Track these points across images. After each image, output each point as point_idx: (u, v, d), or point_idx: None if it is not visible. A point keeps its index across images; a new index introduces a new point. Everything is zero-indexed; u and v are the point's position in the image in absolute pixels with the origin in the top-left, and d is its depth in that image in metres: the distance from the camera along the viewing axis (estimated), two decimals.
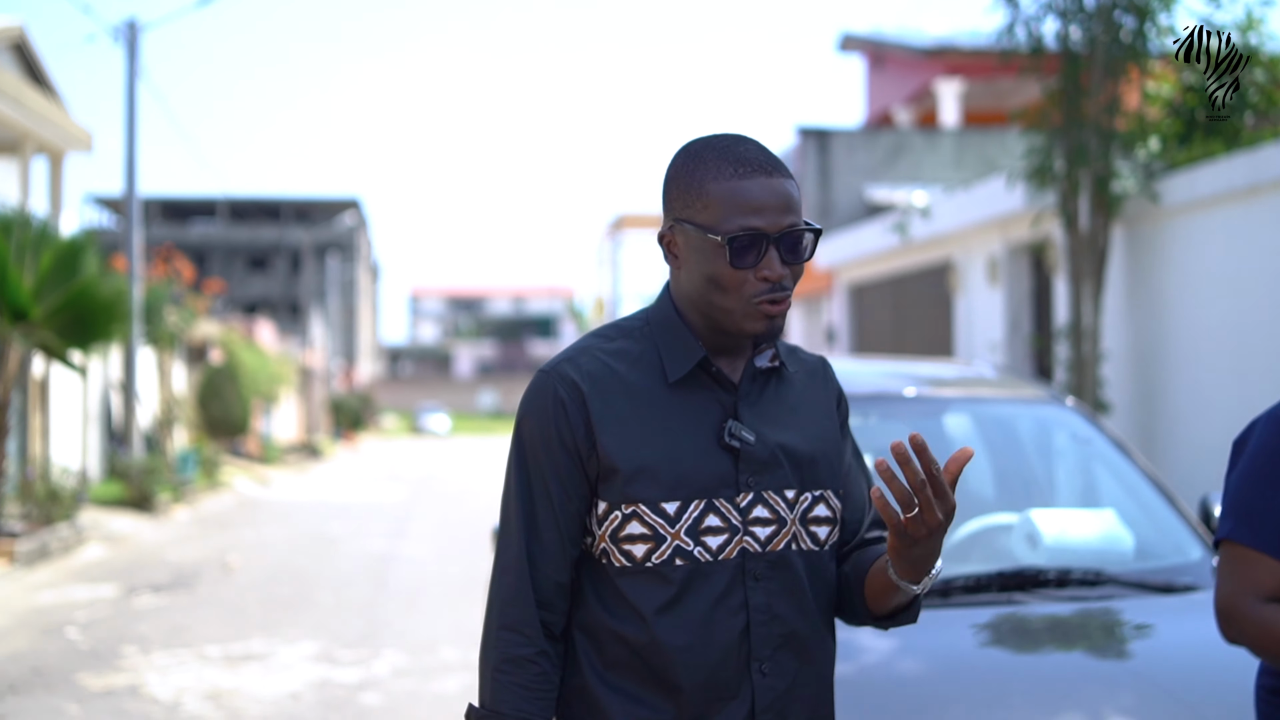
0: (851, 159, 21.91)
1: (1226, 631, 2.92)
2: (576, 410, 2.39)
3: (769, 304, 2.35)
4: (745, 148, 2.40)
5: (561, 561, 2.42)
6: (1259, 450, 2.95)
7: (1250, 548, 2.87)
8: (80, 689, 9.22)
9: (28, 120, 23.46)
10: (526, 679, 2.38)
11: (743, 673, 2.38)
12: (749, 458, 2.40)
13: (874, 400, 4.78)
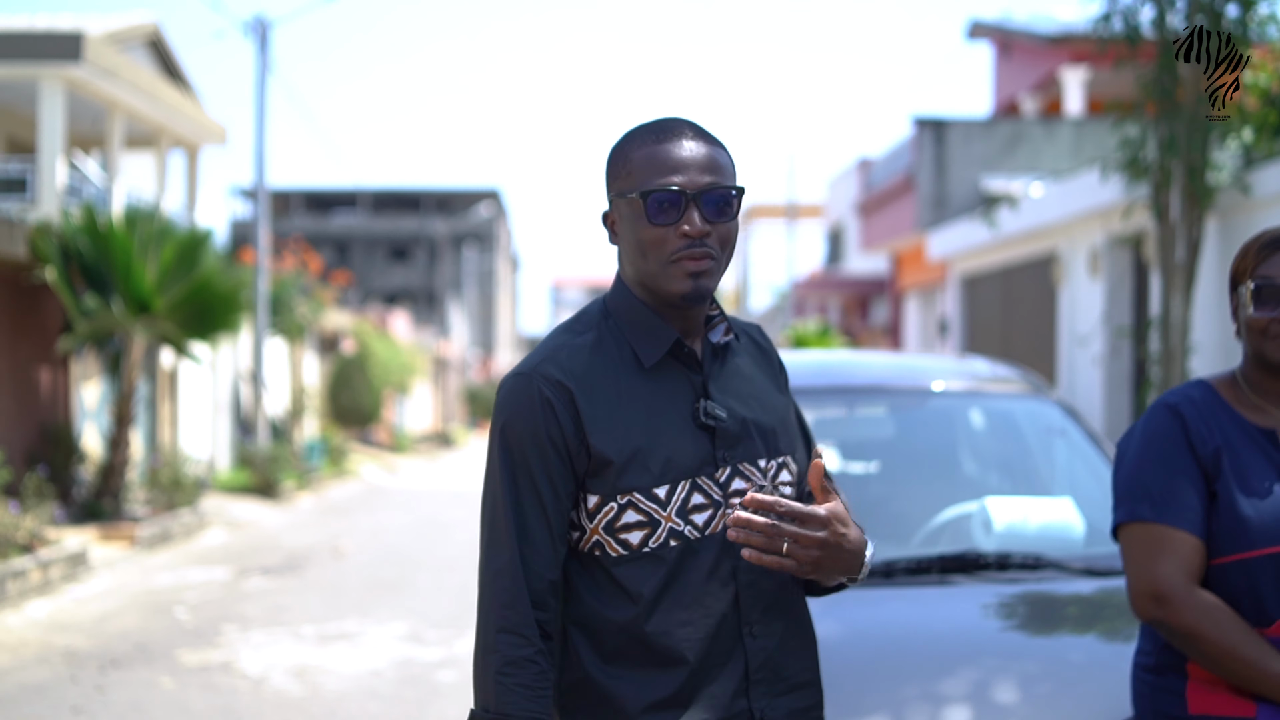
0: (968, 149, 21.81)
1: (1152, 611, 2.99)
2: (565, 409, 2.46)
3: (689, 260, 2.43)
4: (671, 121, 2.52)
5: (553, 560, 2.47)
6: (1149, 438, 3.10)
7: (1163, 524, 2.99)
8: (177, 664, 9.65)
9: (163, 115, 24.24)
10: (529, 680, 2.43)
11: (735, 638, 2.49)
12: (724, 434, 2.51)
13: (860, 393, 4.97)
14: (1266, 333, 3.04)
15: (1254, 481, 3.00)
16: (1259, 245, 3.09)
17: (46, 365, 18.71)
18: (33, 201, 20.85)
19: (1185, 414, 3.07)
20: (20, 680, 9.13)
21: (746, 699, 2.50)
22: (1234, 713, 2.94)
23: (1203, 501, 3.00)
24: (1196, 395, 3.13)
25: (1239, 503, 2.98)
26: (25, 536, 13.30)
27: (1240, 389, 3.14)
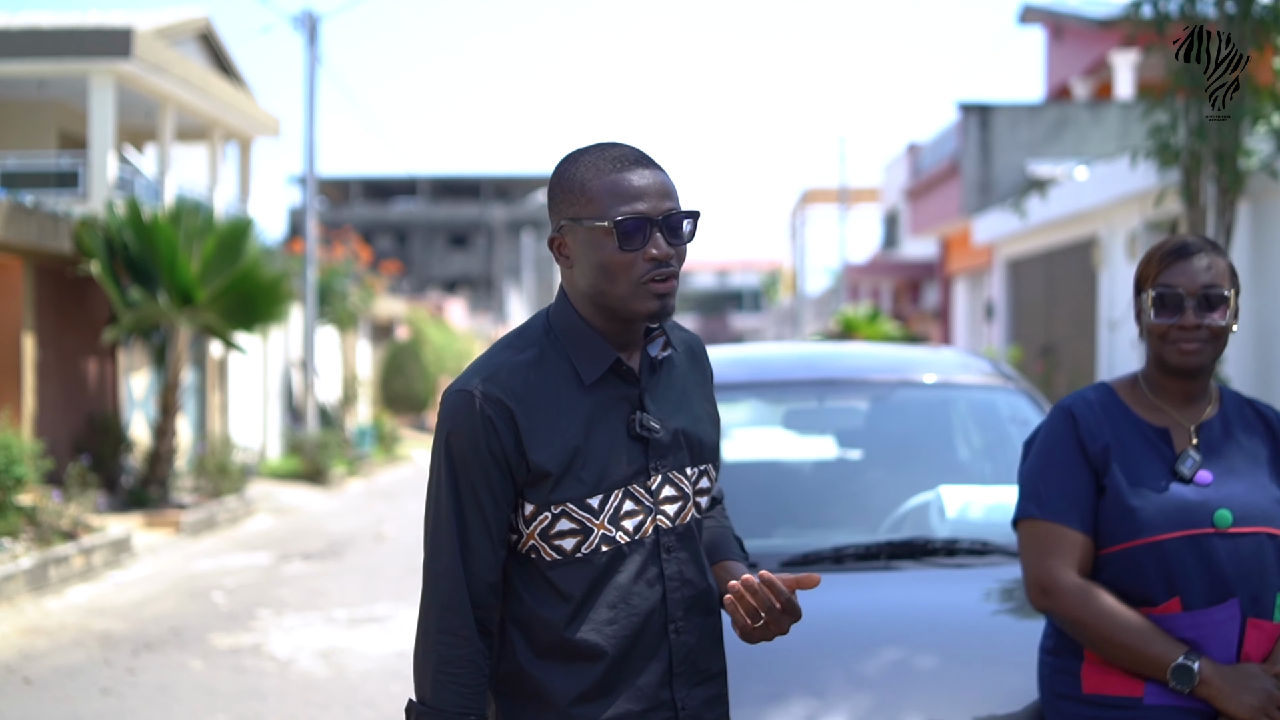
0: (1014, 134, 21.74)
1: (1041, 602, 3.22)
2: (505, 426, 2.57)
3: (657, 282, 2.55)
4: (618, 148, 2.64)
5: (492, 563, 2.61)
6: (1044, 441, 3.32)
7: (1051, 521, 3.21)
8: (209, 647, 9.85)
9: (214, 108, 24.53)
10: (465, 678, 2.59)
11: (661, 635, 2.64)
12: (656, 445, 2.65)
13: (830, 385, 5.08)
14: (1166, 338, 3.20)
15: (1143, 476, 3.20)
16: (1161, 254, 3.25)
17: (94, 357, 19.03)
18: (84, 195, 21.20)
19: (1078, 415, 3.28)
20: (55, 663, 9.35)
21: (670, 690, 2.65)
22: (1124, 692, 3.13)
23: (1091, 498, 3.22)
24: (1093, 397, 3.34)
25: (1126, 496, 3.18)
26: (69, 523, 13.57)
27: (1140, 390, 3.33)
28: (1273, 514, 3.19)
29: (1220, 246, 3.28)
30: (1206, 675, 3.03)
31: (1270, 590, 3.15)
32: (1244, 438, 3.29)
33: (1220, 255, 3.23)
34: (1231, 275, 3.21)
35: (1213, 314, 3.16)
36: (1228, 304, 3.16)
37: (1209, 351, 3.19)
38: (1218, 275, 3.17)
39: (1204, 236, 3.31)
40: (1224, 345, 3.23)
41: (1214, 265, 3.18)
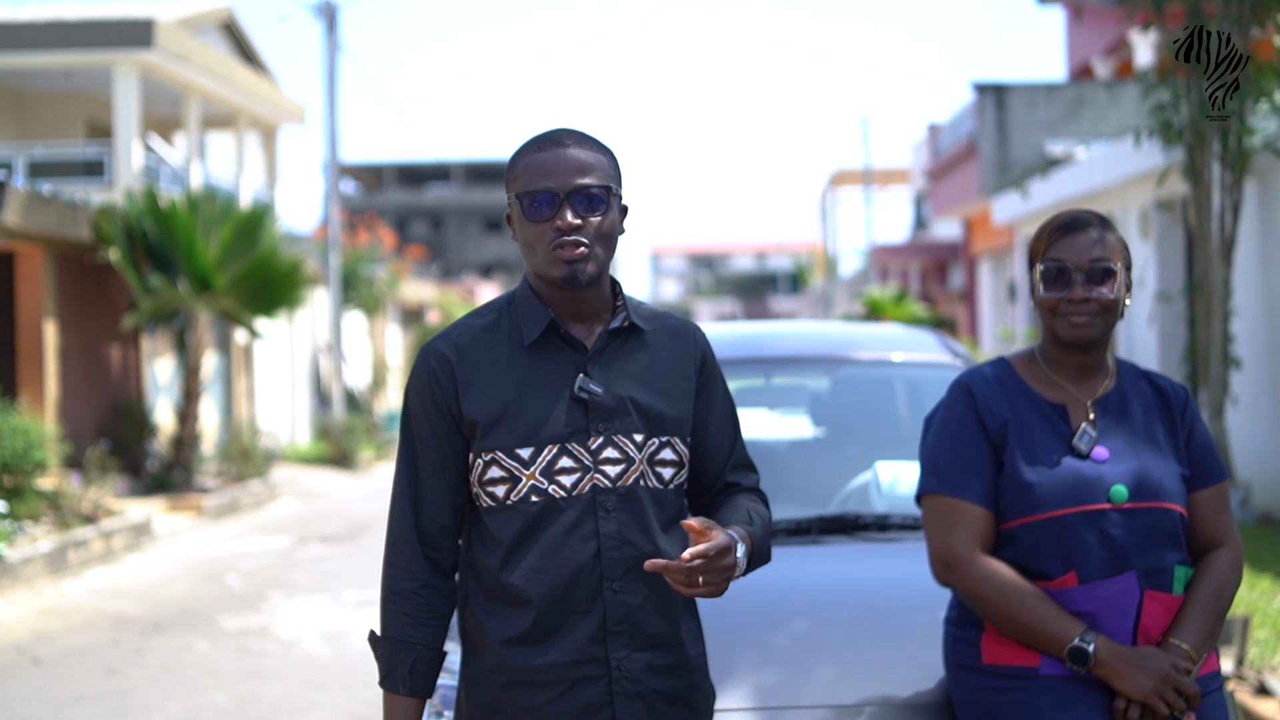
0: (1030, 114, 21.70)
1: (945, 576, 3.26)
2: (446, 378, 2.82)
3: (561, 249, 2.74)
4: (554, 131, 2.85)
5: (443, 506, 2.83)
6: (943, 417, 3.35)
7: (954, 497, 3.25)
8: (217, 629, 10.02)
9: (239, 96, 24.74)
10: (411, 609, 2.81)
11: (596, 591, 2.76)
12: (598, 407, 2.79)
13: (776, 363, 5.15)
14: (1056, 311, 3.23)
15: (1039, 452, 3.22)
16: (1050, 228, 3.28)
17: (116, 343, 19.27)
18: (110, 184, 21.43)
19: (976, 391, 3.31)
20: (66, 644, 9.54)
21: (604, 647, 2.76)
22: (1021, 663, 3.16)
23: (991, 473, 3.25)
24: (991, 373, 3.37)
25: (1023, 472, 3.21)
26: (89, 507, 13.78)
27: (1038, 365, 3.35)
28: (1169, 489, 3.21)
29: (1110, 222, 3.31)
30: (1103, 657, 3.06)
31: (1168, 563, 3.18)
32: (1141, 412, 3.31)
33: (1110, 230, 3.25)
34: (1122, 250, 3.24)
35: (1101, 287, 3.17)
36: (1115, 277, 3.18)
37: (1099, 324, 3.20)
38: (1106, 249, 3.20)
39: (1096, 213, 3.31)
40: (1115, 318, 3.24)
41: (1103, 240, 3.21)
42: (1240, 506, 11.80)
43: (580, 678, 2.76)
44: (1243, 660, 6.85)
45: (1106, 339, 3.28)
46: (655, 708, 2.80)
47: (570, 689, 2.76)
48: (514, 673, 2.78)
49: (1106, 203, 16.32)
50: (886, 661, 3.54)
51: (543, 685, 2.76)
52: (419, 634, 2.81)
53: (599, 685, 2.77)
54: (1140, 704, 3.05)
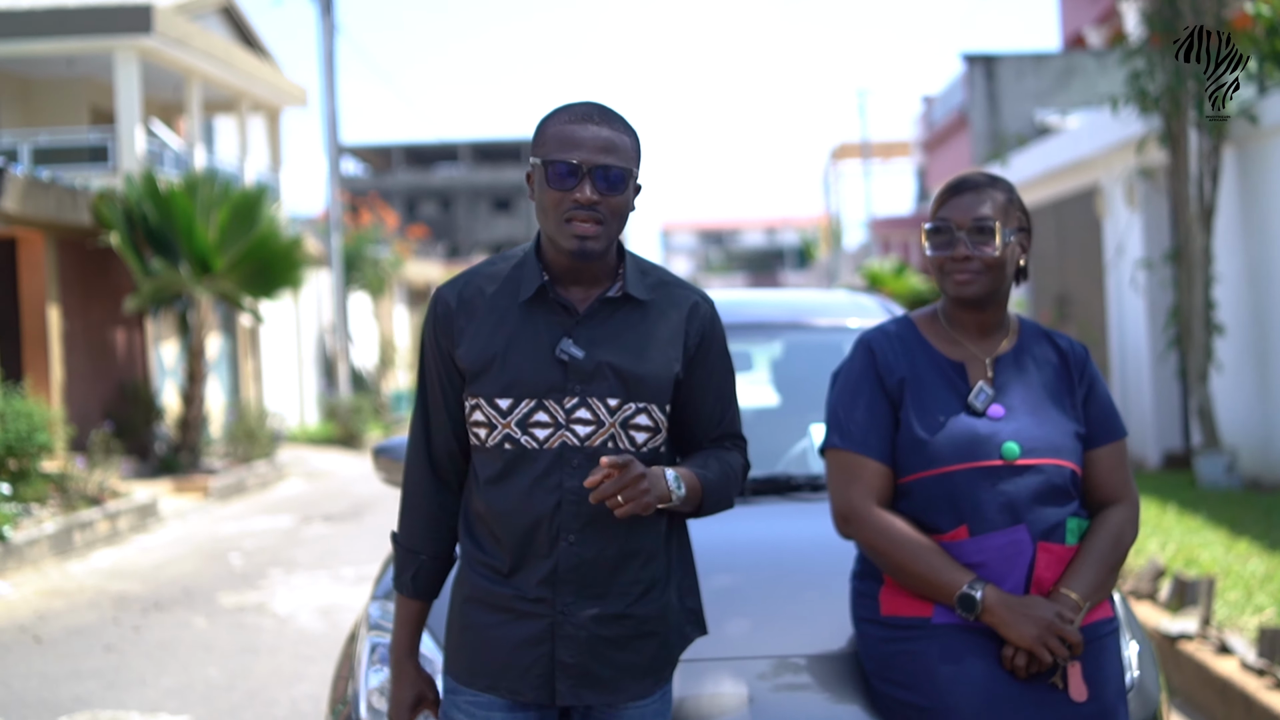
0: (1020, 84, 21.79)
1: (844, 529, 3.40)
2: (447, 322, 3.03)
3: (577, 222, 2.89)
4: (585, 106, 2.99)
5: (449, 434, 3.08)
6: (845, 374, 3.49)
7: (852, 452, 3.37)
8: (215, 606, 10.25)
9: (240, 80, 24.92)
10: (419, 521, 3.11)
11: (553, 540, 2.95)
12: (576, 369, 2.95)
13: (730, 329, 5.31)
14: (943, 269, 3.36)
15: (935, 409, 3.34)
16: (943, 190, 3.40)
17: (121, 327, 19.51)
18: (114, 169, 21.65)
19: (875, 349, 3.43)
20: (67, 623, 9.77)
21: (552, 591, 2.97)
22: (915, 613, 3.30)
23: (889, 429, 3.37)
24: (893, 330, 3.48)
25: (918, 428, 3.33)
26: (94, 489, 14.01)
27: (939, 323, 3.46)
28: (1061, 446, 3.31)
29: (1006, 183, 3.39)
30: (990, 604, 3.17)
31: (1061, 517, 3.28)
32: (1039, 370, 3.40)
33: (1001, 191, 3.34)
34: (1012, 211, 3.33)
35: (983, 246, 3.28)
36: (996, 236, 3.27)
37: (983, 281, 3.30)
38: (991, 209, 3.29)
39: (991, 174, 3.41)
40: (1003, 277, 3.33)
41: (990, 200, 3.30)
42: (1227, 472, 11.96)
43: (527, 612, 2.97)
44: (1208, 620, 7.00)
45: (999, 297, 3.37)
46: (597, 650, 2.98)
47: (517, 619, 2.98)
48: (474, 590, 3.04)
49: (1093, 171, 16.45)
50: (801, 616, 3.68)
51: (495, 608, 3.00)
52: (423, 545, 3.11)
53: (542, 623, 2.97)
54: (1026, 651, 3.16)
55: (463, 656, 3.06)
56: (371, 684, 3.73)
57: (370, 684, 3.73)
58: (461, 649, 3.06)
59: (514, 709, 3.02)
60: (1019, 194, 3.42)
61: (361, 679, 3.77)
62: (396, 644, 3.15)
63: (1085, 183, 16.97)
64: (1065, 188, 17.83)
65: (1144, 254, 14.63)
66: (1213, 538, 9.13)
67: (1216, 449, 12.15)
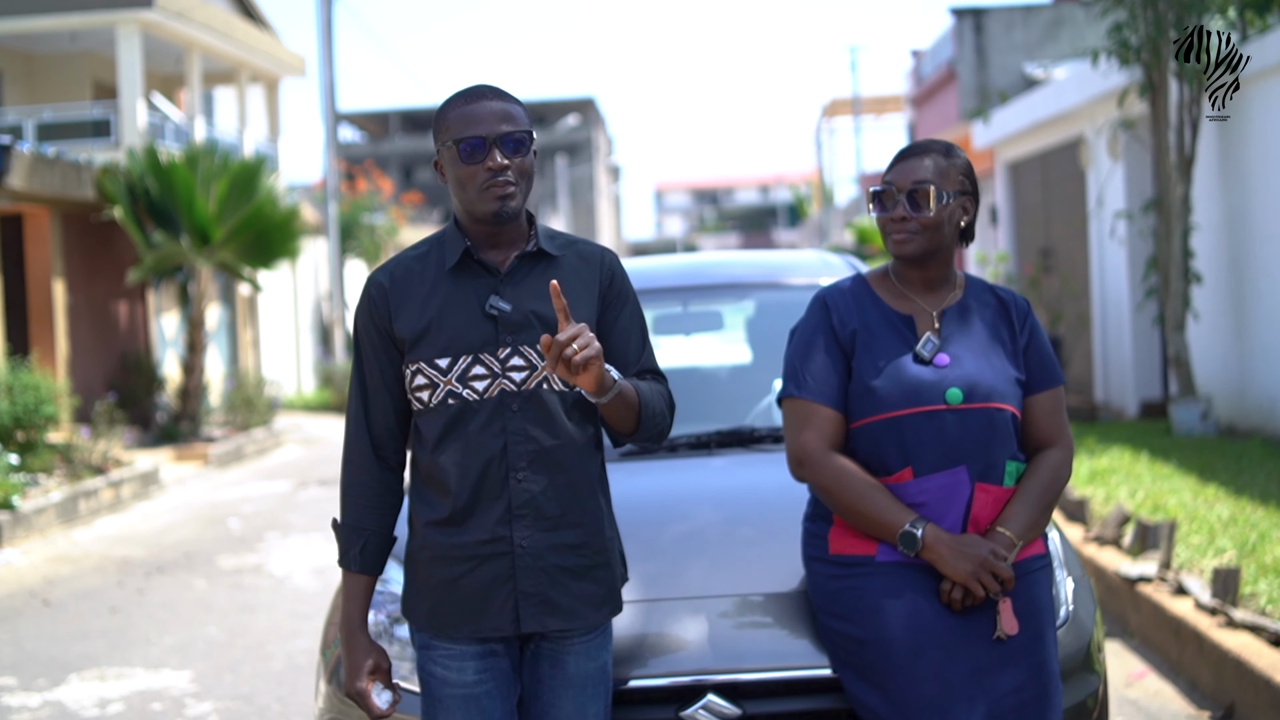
0: (1009, 37, 21.93)
1: (798, 472, 3.63)
2: (382, 301, 3.29)
3: (494, 187, 3.18)
4: (478, 87, 3.28)
5: (389, 412, 3.32)
6: (802, 328, 3.72)
7: (806, 400, 3.60)
8: (214, 568, 10.55)
9: (239, 51, 25.11)
10: (363, 499, 3.32)
11: (503, 480, 3.22)
12: (506, 322, 3.23)
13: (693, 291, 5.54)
14: (885, 230, 3.60)
15: (884, 359, 3.57)
16: (895, 156, 3.62)
17: (124, 299, 19.78)
18: (117, 143, 21.87)
19: (830, 304, 3.67)
20: (74, 588, 10.07)
21: (509, 528, 3.23)
22: (860, 552, 3.54)
23: (842, 378, 3.59)
24: (847, 287, 3.72)
25: (868, 376, 3.56)
26: (98, 459, 14.31)
27: (890, 280, 3.70)
28: (1003, 390, 3.52)
29: (951, 149, 3.59)
30: (929, 541, 3.40)
31: (999, 459, 3.50)
32: (983, 322, 3.62)
33: (943, 156, 3.55)
34: (952, 174, 3.54)
35: (919, 209, 3.50)
36: (930, 199, 3.48)
37: (919, 241, 3.52)
38: (930, 173, 3.51)
39: (945, 142, 3.62)
40: (943, 236, 3.54)
41: (933, 165, 3.52)
42: (1201, 419, 12.20)
43: (489, 554, 3.22)
44: (1169, 564, 7.23)
45: (941, 255, 3.60)
46: (556, 580, 3.24)
47: (481, 564, 3.22)
48: (436, 549, 3.26)
49: (1077, 123, 16.63)
50: (757, 557, 3.90)
51: (459, 560, 3.24)
52: (369, 521, 3.30)
53: (504, 561, 3.21)
54: (962, 586, 3.40)
55: (439, 612, 3.27)
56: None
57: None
58: (436, 606, 3.27)
59: (484, 655, 3.27)
60: (966, 158, 3.63)
61: None
62: (347, 618, 3.31)
63: (1070, 135, 17.16)
64: (1050, 140, 18.02)
65: (1126, 205, 14.83)
66: (1182, 484, 9.38)
67: (1192, 397, 12.38)
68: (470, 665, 3.26)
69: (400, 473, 3.36)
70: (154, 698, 7.07)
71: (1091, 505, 9.00)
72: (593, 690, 3.33)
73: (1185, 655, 6.47)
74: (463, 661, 3.26)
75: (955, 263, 3.73)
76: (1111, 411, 15.38)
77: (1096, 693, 3.81)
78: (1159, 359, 14.75)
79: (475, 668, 3.26)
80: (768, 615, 3.72)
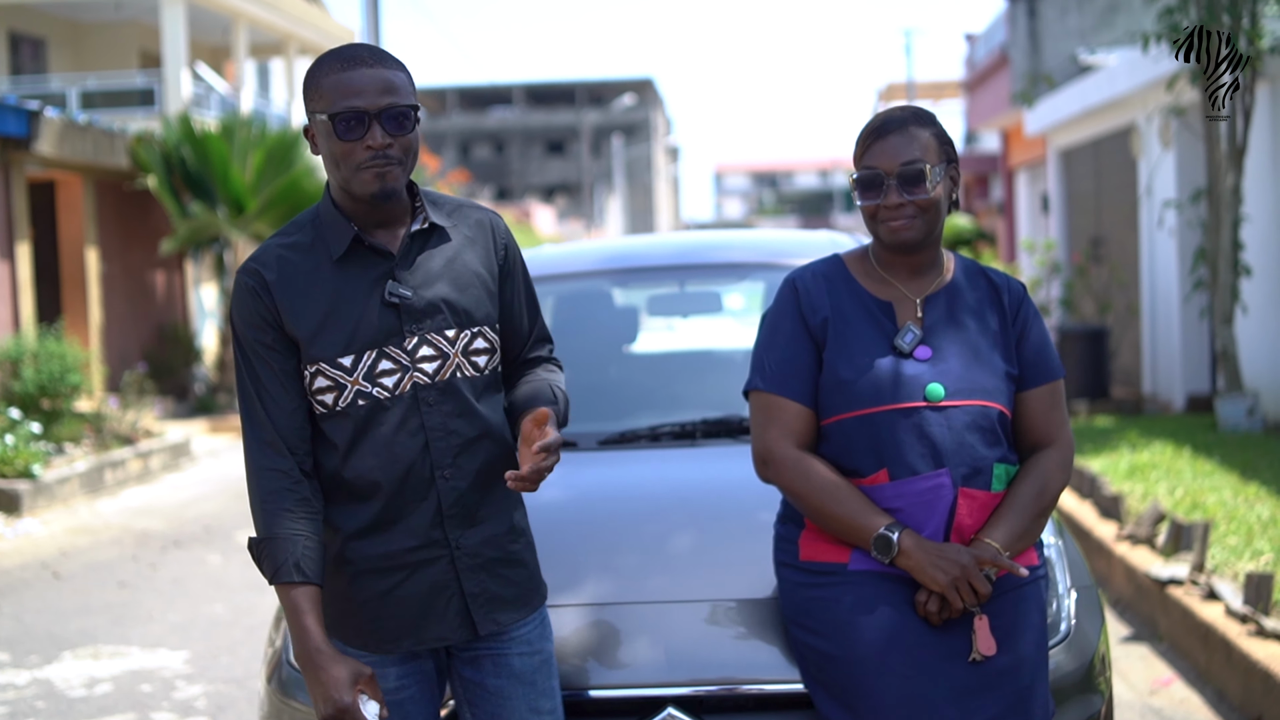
0: (1064, 22, 21.50)
1: (763, 473, 3.32)
2: (265, 294, 2.92)
3: (374, 167, 2.85)
4: (355, 49, 2.92)
5: (294, 410, 2.94)
6: (771, 315, 3.39)
7: (773, 394, 3.28)
8: (231, 544, 10.40)
9: (286, 22, 25.02)
10: (290, 504, 2.89)
11: (429, 480, 2.94)
12: (409, 309, 2.93)
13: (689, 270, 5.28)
14: (875, 217, 3.23)
15: (859, 350, 3.24)
16: (864, 134, 3.27)
17: (161, 269, 19.70)
18: (161, 113, 21.82)
19: (800, 288, 3.33)
20: (88, 559, 9.95)
21: (442, 530, 2.97)
22: (833, 559, 3.22)
23: (812, 370, 3.27)
24: (821, 269, 3.37)
25: (840, 369, 3.23)
26: (127, 429, 14.21)
27: (870, 262, 3.36)
28: (989, 387, 3.21)
29: (928, 116, 3.25)
30: (905, 547, 3.09)
31: (986, 461, 3.18)
32: (972, 309, 3.30)
33: (925, 127, 3.22)
34: (938, 147, 3.21)
35: (915, 190, 3.17)
36: (927, 178, 3.16)
37: (919, 225, 3.19)
38: (918, 149, 3.18)
39: (913, 109, 3.28)
40: (937, 217, 3.22)
41: (915, 140, 3.19)
42: (1248, 415, 11.86)
43: (424, 560, 2.96)
44: (1201, 566, 6.93)
45: (934, 238, 3.27)
46: (496, 573, 3.01)
47: (415, 570, 2.96)
48: (362, 562, 2.97)
49: (1129, 110, 16.24)
50: (729, 559, 3.62)
51: (390, 570, 2.96)
52: (301, 526, 2.89)
53: (442, 564, 2.96)
54: (939, 596, 3.09)
55: (373, 629, 3.00)
56: None
57: None
58: (370, 623, 2.99)
59: (404, 659, 3.02)
60: (939, 122, 3.29)
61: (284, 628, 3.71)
62: (303, 637, 2.84)
63: (1122, 122, 16.77)
64: (1103, 127, 17.63)
65: (1177, 194, 14.46)
66: (1223, 482, 9.07)
67: (1239, 392, 12.04)
68: (391, 671, 3.01)
69: (315, 480, 2.96)
70: (145, 678, 6.89)
71: (1128, 502, 8.70)
72: (543, 685, 3.09)
73: (1214, 663, 6.19)
74: (382, 669, 3.00)
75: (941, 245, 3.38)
76: (1158, 404, 15.03)
77: (1099, 714, 3.53)
78: (1207, 352, 14.39)
79: (396, 674, 3.01)
80: (738, 623, 3.45)
